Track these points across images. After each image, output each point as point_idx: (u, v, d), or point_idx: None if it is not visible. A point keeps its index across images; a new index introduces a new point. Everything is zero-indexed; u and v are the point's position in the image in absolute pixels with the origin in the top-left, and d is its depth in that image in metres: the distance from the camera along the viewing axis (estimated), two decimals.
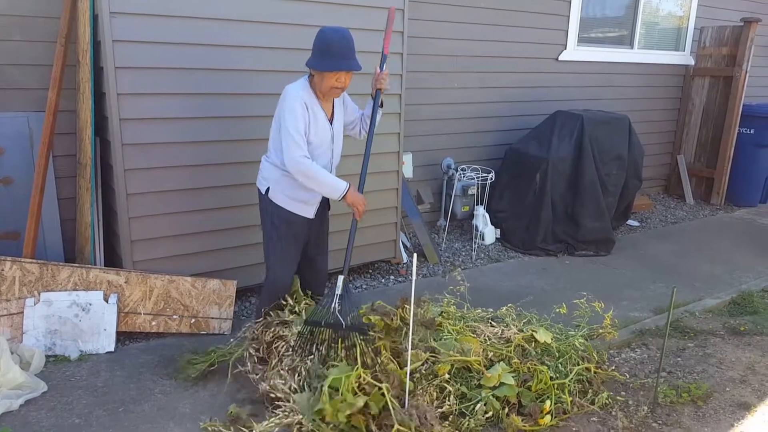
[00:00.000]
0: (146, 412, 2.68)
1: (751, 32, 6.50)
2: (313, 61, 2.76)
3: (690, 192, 7.18)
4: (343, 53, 2.73)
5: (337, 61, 2.72)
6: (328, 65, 2.72)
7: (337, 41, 2.72)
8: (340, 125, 3.02)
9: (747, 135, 6.79)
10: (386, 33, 3.05)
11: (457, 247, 5.13)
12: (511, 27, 5.56)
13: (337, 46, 2.71)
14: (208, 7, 3.32)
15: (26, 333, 3.04)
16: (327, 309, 2.78)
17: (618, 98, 6.65)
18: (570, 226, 5.13)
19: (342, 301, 2.78)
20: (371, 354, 2.67)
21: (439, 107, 5.33)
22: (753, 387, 3.07)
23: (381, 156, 4.16)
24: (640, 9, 6.56)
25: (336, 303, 2.77)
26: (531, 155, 5.15)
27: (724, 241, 5.67)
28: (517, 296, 4.09)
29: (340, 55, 2.72)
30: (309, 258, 3.18)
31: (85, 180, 3.46)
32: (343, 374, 2.50)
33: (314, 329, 2.78)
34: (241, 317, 3.65)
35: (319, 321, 2.76)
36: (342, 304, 2.77)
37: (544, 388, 2.76)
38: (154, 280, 3.27)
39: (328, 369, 2.60)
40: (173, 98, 3.33)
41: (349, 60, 2.75)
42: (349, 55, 2.75)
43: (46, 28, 3.47)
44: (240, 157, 3.56)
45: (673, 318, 3.76)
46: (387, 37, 3.05)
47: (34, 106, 3.52)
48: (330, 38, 2.72)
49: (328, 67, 2.72)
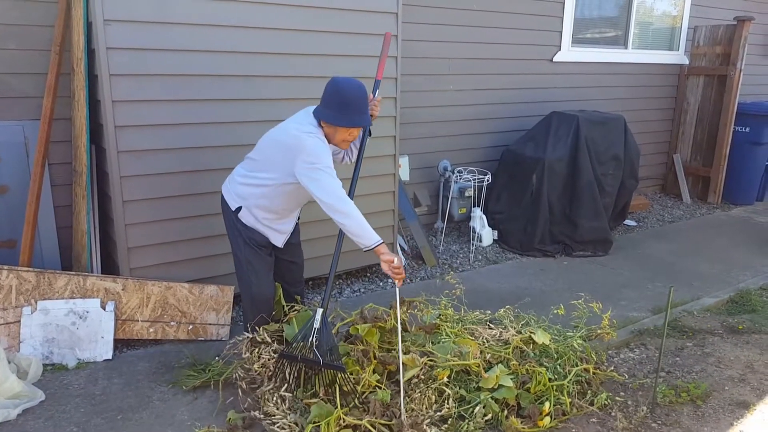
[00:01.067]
0: (144, 419, 2.68)
1: (744, 31, 6.52)
2: (328, 114, 2.67)
3: (687, 191, 7.19)
4: (360, 108, 2.68)
5: (355, 116, 2.67)
6: (346, 121, 2.66)
7: (355, 97, 2.66)
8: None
9: (742, 133, 6.81)
10: (381, 58, 2.99)
11: (454, 249, 5.13)
12: (506, 29, 5.58)
13: (356, 101, 2.66)
14: (203, 14, 3.31)
15: (23, 342, 3.03)
16: (304, 343, 2.68)
17: (613, 98, 6.67)
18: (567, 227, 5.13)
19: (320, 335, 2.67)
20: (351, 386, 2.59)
21: (435, 110, 5.33)
22: (752, 385, 3.07)
23: (377, 159, 4.17)
24: (633, 9, 6.58)
25: (313, 337, 2.67)
26: (527, 156, 5.16)
27: (722, 239, 5.68)
28: (515, 297, 4.09)
29: (357, 111, 2.67)
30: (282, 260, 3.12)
31: (81, 187, 3.45)
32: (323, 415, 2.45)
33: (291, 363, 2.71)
34: (238, 323, 3.65)
35: (296, 356, 2.67)
36: (319, 338, 2.66)
37: (543, 389, 2.76)
38: (151, 287, 3.26)
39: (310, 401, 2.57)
40: (168, 105, 3.33)
41: (365, 115, 2.71)
42: (365, 110, 2.71)
43: (41, 36, 3.47)
44: (235, 163, 3.55)
45: (671, 317, 3.76)
46: (382, 63, 2.99)
47: (29, 114, 3.52)
48: (348, 93, 2.65)
49: (346, 123, 2.67)
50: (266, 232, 2.91)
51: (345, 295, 4.14)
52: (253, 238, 2.89)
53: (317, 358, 2.62)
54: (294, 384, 2.71)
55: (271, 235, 2.93)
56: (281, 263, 3.12)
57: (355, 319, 3.01)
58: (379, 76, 2.99)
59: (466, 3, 5.26)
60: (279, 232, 2.95)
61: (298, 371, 2.73)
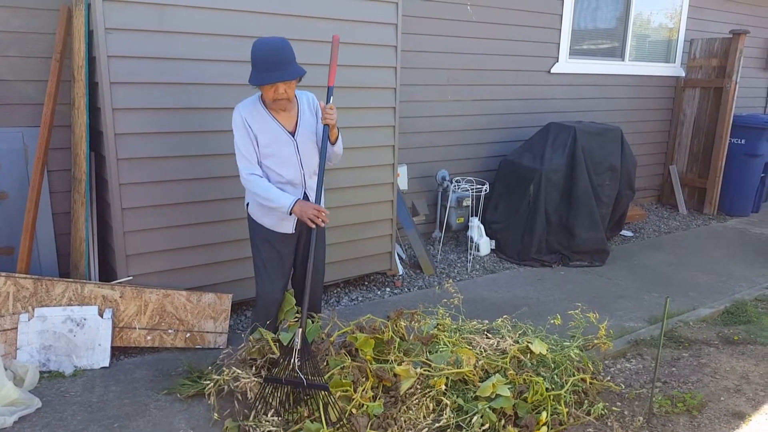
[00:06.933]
0: (141, 427, 2.67)
1: (740, 44, 6.59)
2: (250, 75, 2.68)
3: (683, 202, 7.23)
4: (271, 65, 2.61)
5: (263, 74, 2.62)
6: (254, 79, 2.65)
7: (263, 53, 2.61)
8: (307, 136, 2.87)
9: (738, 145, 6.86)
10: (331, 62, 2.83)
11: (452, 259, 5.14)
12: (504, 40, 5.62)
13: (264, 58, 2.61)
14: (203, 23, 3.34)
15: (20, 349, 3.02)
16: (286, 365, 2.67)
17: (610, 109, 6.71)
18: (564, 237, 5.15)
19: (301, 356, 2.66)
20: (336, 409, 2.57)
21: (434, 120, 5.36)
22: (747, 396, 3.08)
23: (376, 168, 4.19)
24: (630, 21, 6.64)
25: (295, 359, 2.65)
26: (525, 167, 5.18)
27: (718, 250, 5.70)
28: (513, 307, 4.10)
29: (267, 68, 2.61)
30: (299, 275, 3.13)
31: (79, 195, 3.46)
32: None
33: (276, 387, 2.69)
34: (236, 331, 3.64)
35: (279, 379, 2.65)
36: (301, 359, 2.65)
37: (540, 399, 2.76)
38: (149, 295, 3.26)
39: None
40: (168, 113, 3.35)
41: (276, 71, 2.61)
42: (279, 66, 2.62)
43: (42, 44, 3.49)
44: (235, 171, 3.54)
45: (667, 328, 3.78)
46: (332, 67, 2.83)
47: (29, 121, 3.53)
48: (257, 51, 2.63)
49: (254, 80, 2.65)
50: (272, 224, 2.91)
51: (343, 303, 4.15)
52: (262, 236, 2.92)
53: (301, 379, 2.62)
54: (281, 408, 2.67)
55: (277, 224, 2.91)
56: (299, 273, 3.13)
57: (352, 329, 3.01)
58: (330, 82, 2.86)
59: (465, 15, 5.31)
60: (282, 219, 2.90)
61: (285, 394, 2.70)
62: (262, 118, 2.78)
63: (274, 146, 2.79)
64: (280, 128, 2.81)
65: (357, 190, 4.10)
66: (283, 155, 2.81)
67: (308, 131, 2.88)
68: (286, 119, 2.83)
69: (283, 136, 2.81)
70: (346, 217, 4.07)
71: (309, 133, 2.88)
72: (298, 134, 2.85)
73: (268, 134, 2.78)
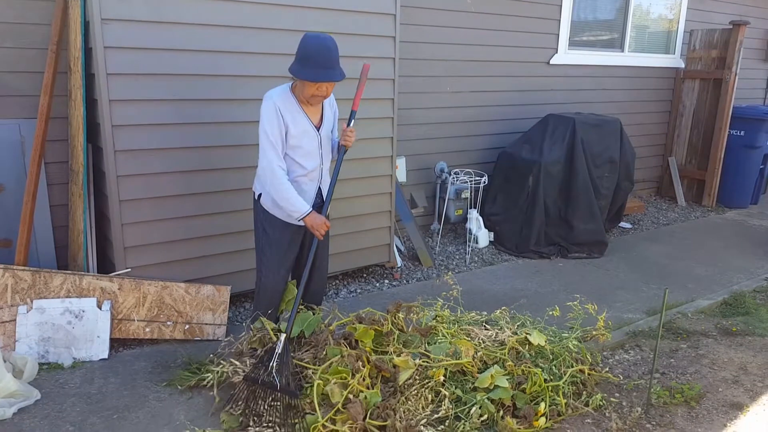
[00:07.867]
0: (140, 419, 2.67)
1: (739, 35, 6.56)
2: (294, 67, 2.71)
3: (681, 194, 7.23)
4: (323, 63, 2.66)
5: (316, 71, 2.66)
6: (307, 75, 2.67)
7: (317, 50, 2.66)
8: (327, 131, 2.99)
9: (737, 137, 6.85)
10: (358, 88, 2.98)
11: (451, 251, 5.14)
12: (503, 31, 5.60)
13: (316, 55, 2.65)
14: (200, 14, 3.32)
15: (19, 341, 3.02)
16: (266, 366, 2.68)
17: (609, 101, 6.70)
18: (563, 229, 5.15)
19: (280, 360, 2.67)
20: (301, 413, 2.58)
21: (432, 111, 5.35)
22: (745, 387, 3.09)
23: (374, 160, 4.18)
24: (630, 12, 6.61)
25: (274, 362, 2.66)
26: (523, 158, 5.18)
27: (716, 242, 5.71)
28: (511, 299, 4.11)
29: (319, 65, 2.66)
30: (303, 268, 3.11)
31: (77, 187, 3.45)
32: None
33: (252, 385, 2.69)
34: (235, 323, 3.65)
35: (257, 378, 2.66)
36: (279, 363, 2.66)
37: (539, 390, 2.77)
38: (147, 287, 3.26)
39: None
40: (165, 104, 3.33)
41: (328, 70, 2.69)
42: (328, 65, 2.68)
43: (38, 35, 3.46)
44: (233, 163, 3.57)
45: (666, 319, 3.78)
46: (359, 93, 2.97)
47: (25, 113, 3.51)
48: (310, 46, 2.67)
49: (307, 76, 2.67)
50: (284, 215, 2.91)
51: (341, 296, 4.15)
52: (272, 222, 2.94)
53: (275, 383, 2.63)
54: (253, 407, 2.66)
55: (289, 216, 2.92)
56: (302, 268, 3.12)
57: (352, 320, 3.01)
58: (354, 106, 2.98)
59: (464, 5, 5.28)
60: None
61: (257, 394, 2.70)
62: (295, 110, 2.81)
63: (302, 138, 2.84)
64: (308, 122, 2.86)
65: (355, 182, 4.09)
66: (308, 148, 2.88)
67: (328, 127, 3.01)
68: (313, 113, 2.89)
69: (311, 130, 2.87)
70: (344, 209, 4.06)
71: (329, 128, 3.01)
72: (322, 129, 2.94)
73: (298, 126, 2.81)
